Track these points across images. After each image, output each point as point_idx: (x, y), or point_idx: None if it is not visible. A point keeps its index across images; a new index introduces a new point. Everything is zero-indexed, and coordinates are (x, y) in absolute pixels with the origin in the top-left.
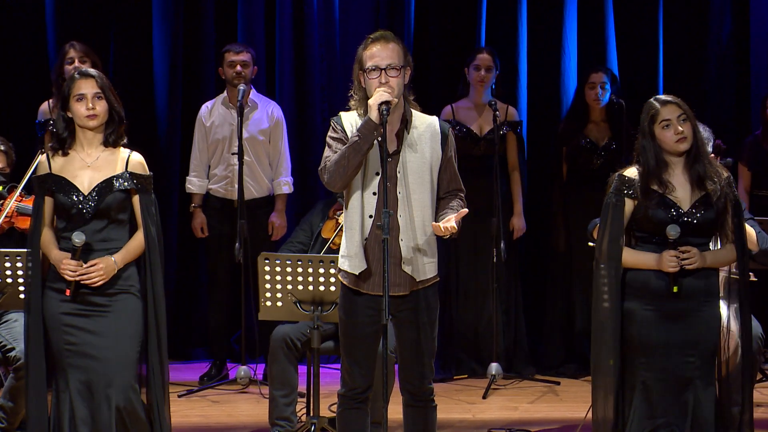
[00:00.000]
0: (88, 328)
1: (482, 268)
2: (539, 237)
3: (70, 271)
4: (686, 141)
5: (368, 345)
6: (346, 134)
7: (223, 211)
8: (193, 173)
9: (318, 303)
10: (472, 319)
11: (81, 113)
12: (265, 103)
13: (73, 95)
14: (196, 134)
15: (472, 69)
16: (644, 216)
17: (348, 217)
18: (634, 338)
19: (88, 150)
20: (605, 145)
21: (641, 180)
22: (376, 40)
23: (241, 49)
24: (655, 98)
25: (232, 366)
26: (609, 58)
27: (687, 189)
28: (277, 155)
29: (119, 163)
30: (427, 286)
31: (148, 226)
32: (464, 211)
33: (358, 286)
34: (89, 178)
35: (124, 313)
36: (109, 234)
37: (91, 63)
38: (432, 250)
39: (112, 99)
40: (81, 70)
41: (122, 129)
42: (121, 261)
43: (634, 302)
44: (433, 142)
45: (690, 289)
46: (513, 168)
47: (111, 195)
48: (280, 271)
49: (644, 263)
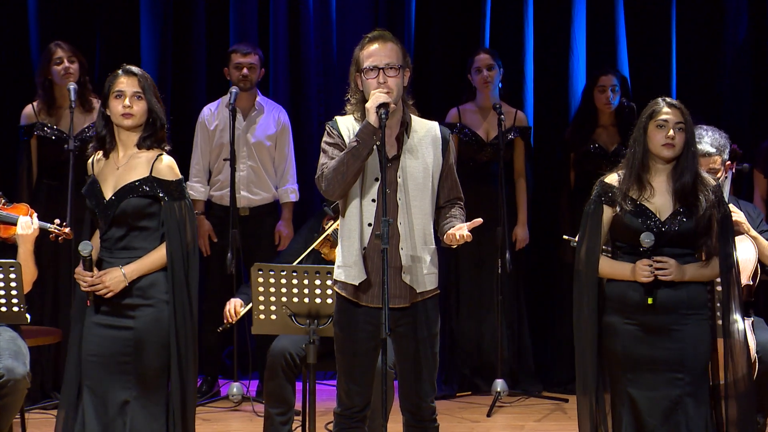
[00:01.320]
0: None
1: (486, 279)
2: (546, 247)
3: (83, 282)
4: (672, 149)
5: (367, 361)
6: (342, 139)
7: (225, 220)
8: (195, 179)
9: (314, 316)
10: (475, 334)
11: (117, 110)
12: (272, 107)
13: (113, 92)
14: (198, 138)
15: (474, 73)
16: (620, 223)
17: (345, 225)
18: (618, 353)
19: (122, 152)
20: (615, 150)
21: (621, 183)
22: (374, 39)
23: (249, 51)
24: (663, 98)
25: (224, 382)
26: (619, 59)
27: (667, 198)
28: (283, 161)
29: (146, 167)
30: (427, 298)
31: (172, 235)
32: (478, 221)
33: (357, 297)
34: (115, 182)
35: (147, 328)
36: (131, 242)
37: (78, 63)
38: (433, 260)
39: (153, 101)
40: (125, 67)
41: (162, 134)
42: (131, 272)
43: (615, 316)
44: (434, 147)
45: (669, 302)
46: (519, 175)
47: (126, 201)
48: (274, 283)
49: (620, 273)
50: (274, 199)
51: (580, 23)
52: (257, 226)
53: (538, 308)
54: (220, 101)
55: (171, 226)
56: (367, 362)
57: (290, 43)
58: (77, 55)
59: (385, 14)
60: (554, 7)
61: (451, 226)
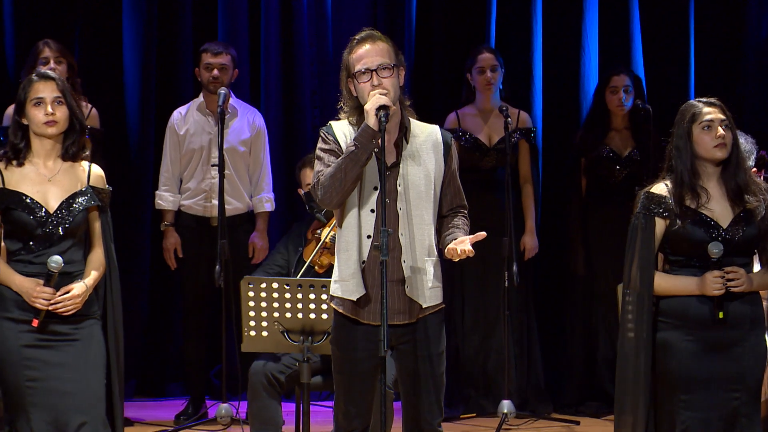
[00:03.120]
0: (53, 360)
1: (492, 293)
2: (555, 258)
3: (44, 300)
4: (725, 148)
5: (367, 382)
6: (339, 145)
7: (199, 230)
8: (164, 187)
9: (308, 332)
10: (481, 351)
11: (38, 119)
12: (245, 110)
13: (30, 99)
14: (168, 143)
15: (475, 72)
16: (679, 236)
17: (342, 237)
18: (673, 373)
19: (47, 162)
20: (629, 155)
21: (674, 194)
22: (363, 40)
23: (220, 51)
24: (696, 99)
25: (212, 404)
26: (634, 58)
27: (724, 203)
28: (258, 168)
29: (82, 176)
30: (432, 313)
31: (109, 246)
32: (481, 235)
33: (356, 314)
34: (53, 194)
35: (91, 341)
36: (73, 256)
37: (66, 64)
38: (437, 273)
39: (74, 105)
40: (39, 72)
41: (83, 140)
42: (91, 286)
43: (672, 333)
44: (436, 153)
45: (736, 316)
46: (525, 180)
47: (80, 213)
48: (265, 297)
49: (683, 288)
50: (249, 209)
51: (592, 20)
52: (230, 237)
53: (547, 323)
54: (191, 104)
55: (107, 237)
56: (367, 383)
57: (282, 42)
58: (66, 55)
59: (384, 9)
60: (564, 2)
61: (453, 238)
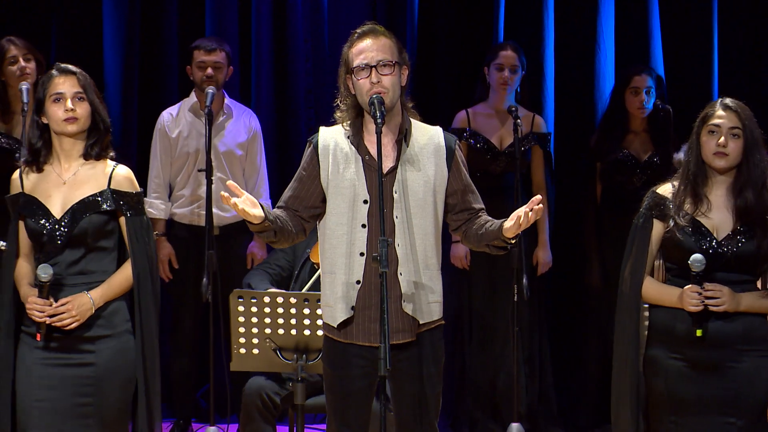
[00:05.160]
0: (66, 379)
1: (500, 308)
2: (569, 270)
3: (38, 312)
4: (725, 159)
5: (361, 402)
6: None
7: (192, 241)
8: (154, 194)
9: (302, 350)
10: (489, 370)
11: (58, 116)
12: (241, 111)
13: (50, 95)
14: (157, 147)
15: (493, 68)
16: (671, 242)
17: (326, 258)
18: (662, 392)
19: (65, 164)
20: (648, 159)
21: (676, 196)
22: (364, 34)
23: (213, 47)
24: (722, 99)
25: (199, 426)
26: (653, 56)
27: (726, 215)
28: (254, 173)
29: (101, 179)
30: (431, 329)
31: (137, 255)
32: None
33: (347, 338)
34: (63, 198)
35: (111, 362)
36: (88, 265)
37: (35, 61)
38: (437, 287)
39: (96, 102)
40: (60, 66)
41: (108, 139)
42: (99, 298)
43: (659, 348)
44: (437, 158)
45: (721, 335)
46: (538, 188)
47: (86, 218)
48: (256, 312)
49: (668, 299)
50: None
51: (608, 14)
52: (227, 247)
53: (560, 341)
54: (182, 104)
55: (136, 244)
56: (361, 403)
57: (275, 37)
58: (33, 52)
59: (385, 2)
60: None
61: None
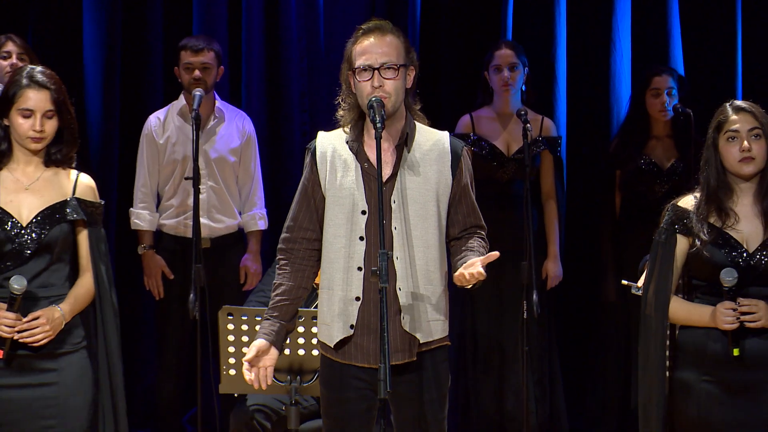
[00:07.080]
0: (28, 401)
1: (509, 326)
2: (583, 286)
3: (7, 327)
4: (753, 163)
5: (360, 426)
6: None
7: (181, 254)
8: (141, 205)
9: (296, 371)
10: (496, 392)
11: (23, 131)
12: (233, 114)
13: (19, 106)
14: (144, 154)
15: (492, 72)
16: (700, 258)
17: (324, 273)
18: (693, 418)
19: (25, 168)
20: (671, 167)
21: (700, 209)
22: (369, 31)
23: (202, 47)
24: (730, 102)
25: None
26: (672, 55)
27: (756, 224)
28: (248, 181)
29: (65, 186)
30: (433, 349)
31: (99, 267)
32: (494, 255)
33: (345, 358)
34: (28, 204)
35: (75, 379)
36: (50, 278)
37: (29, 62)
38: (440, 304)
39: (68, 118)
40: (36, 79)
41: (74, 150)
42: (69, 313)
43: (690, 371)
44: (441, 164)
45: (758, 355)
46: (548, 197)
47: (58, 227)
48: (247, 330)
49: (698, 319)
50: (240, 228)
51: (624, 11)
52: (220, 260)
53: (573, 361)
54: (170, 107)
55: (98, 256)
56: (359, 427)
57: (267, 36)
58: (29, 53)
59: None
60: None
61: (464, 262)
